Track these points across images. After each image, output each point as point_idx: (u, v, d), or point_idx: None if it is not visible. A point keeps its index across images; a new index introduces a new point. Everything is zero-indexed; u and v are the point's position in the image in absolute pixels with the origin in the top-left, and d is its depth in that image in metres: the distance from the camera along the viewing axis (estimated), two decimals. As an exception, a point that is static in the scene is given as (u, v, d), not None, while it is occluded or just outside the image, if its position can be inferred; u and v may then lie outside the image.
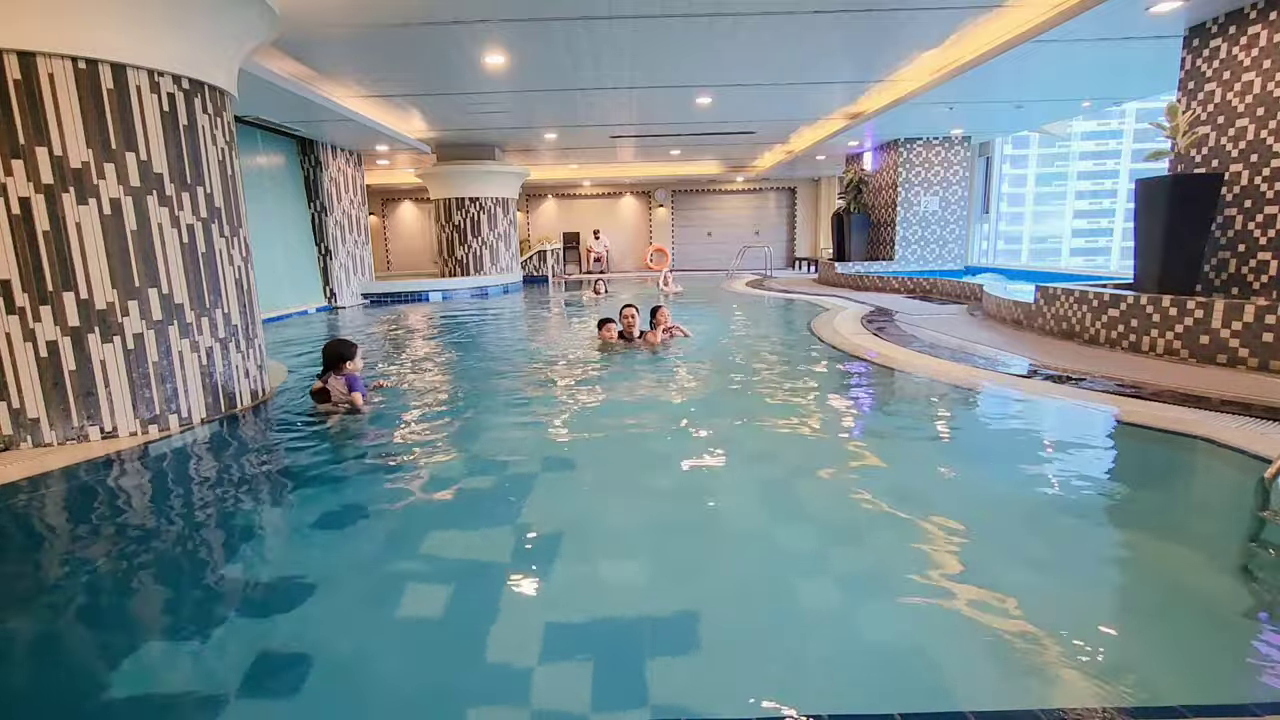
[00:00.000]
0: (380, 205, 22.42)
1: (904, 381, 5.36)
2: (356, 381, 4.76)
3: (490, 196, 15.32)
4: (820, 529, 2.81)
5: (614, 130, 13.10)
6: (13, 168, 3.72)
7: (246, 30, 4.90)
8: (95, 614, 2.31)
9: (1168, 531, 2.85)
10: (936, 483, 3.28)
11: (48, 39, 3.72)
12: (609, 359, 6.51)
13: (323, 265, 12.50)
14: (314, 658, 1.97)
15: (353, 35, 6.76)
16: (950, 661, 1.88)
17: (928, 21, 6.90)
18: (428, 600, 2.28)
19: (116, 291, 4.07)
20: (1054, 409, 4.44)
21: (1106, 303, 6.23)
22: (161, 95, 4.21)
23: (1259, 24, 5.59)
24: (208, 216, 4.55)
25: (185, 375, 4.43)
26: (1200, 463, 3.54)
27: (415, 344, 8.27)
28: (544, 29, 6.73)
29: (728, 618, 2.14)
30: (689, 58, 8.01)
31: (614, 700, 1.75)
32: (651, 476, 3.44)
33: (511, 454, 3.79)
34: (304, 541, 2.82)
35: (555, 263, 19.94)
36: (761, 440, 4.04)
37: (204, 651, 2.03)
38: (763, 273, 18.98)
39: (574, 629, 2.08)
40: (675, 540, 2.72)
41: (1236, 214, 5.85)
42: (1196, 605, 2.23)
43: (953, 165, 13.86)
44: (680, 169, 19.96)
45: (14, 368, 3.88)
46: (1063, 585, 2.29)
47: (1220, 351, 5.25)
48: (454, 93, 9.54)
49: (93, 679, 1.95)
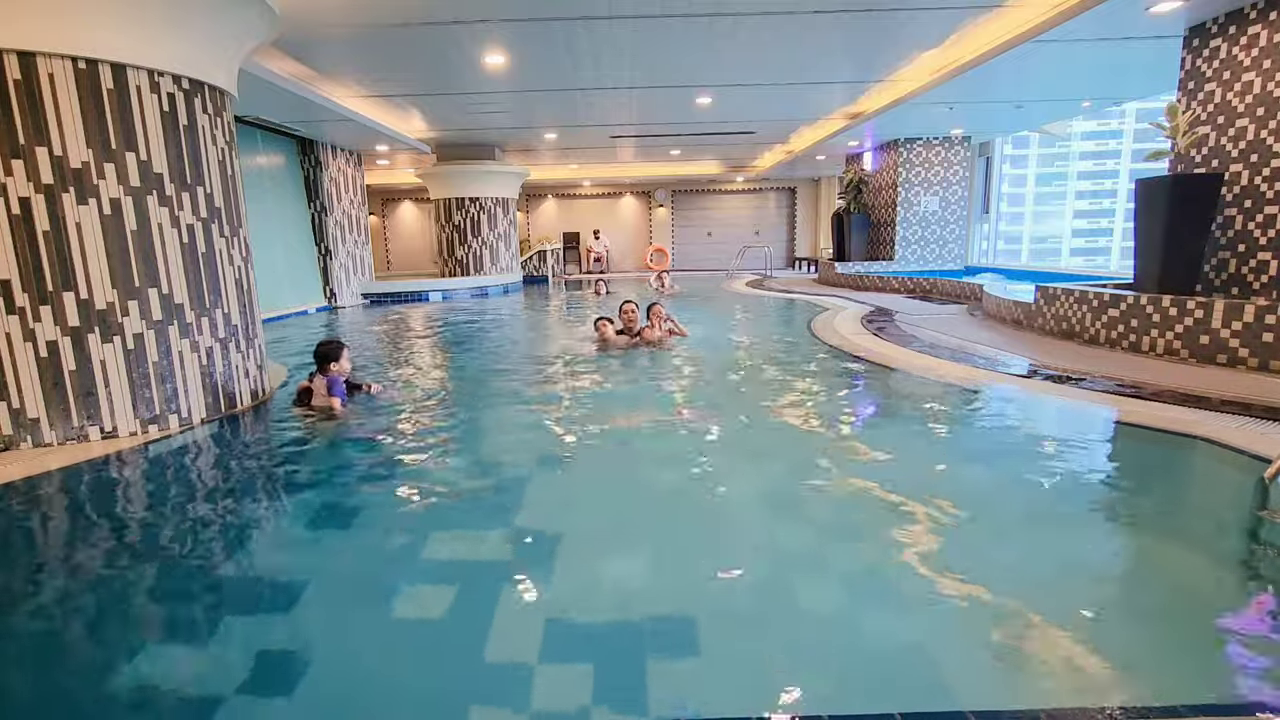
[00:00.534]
0: (380, 205, 22.42)
1: (904, 381, 5.36)
2: (337, 384, 4.67)
3: (490, 196, 15.32)
4: (820, 528, 2.81)
5: (614, 130, 13.10)
6: (13, 168, 3.72)
7: (246, 30, 4.90)
8: (94, 614, 2.31)
9: (1168, 531, 2.85)
10: (936, 482, 3.28)
11: (48, 39, 3.71)
12: (608, 359, 6.50)
13: (323, 265, 12.51)
14: (313, 658, 1.97)
15: (353, 35, 6.76)
16: (950, 661, 1.88)
17: (928, 21, 6.90)
18: (428, 601, 2.28)
19: (116, 291, 4.07)
20: (1054, 409, 4.44)
21: (1106, 303, 6.23)
22: (161, 95, 4.21)
23: (1259, 24, 5.59)
24: (208, 216, 4.55)
25: (185, 375, 4.43)
26: (1200, 463, 3.54)
27: (414, 344, 8.27)
28: (544, 29, 6.73)
29: (728, 617, 2.14)
30: (689, 58, 8.01)
31: (614, 700, 1.74)
32: (651, 476, 3.44)
33: (511, 455, 3.79)
34: (303, 542, 2.82)
35: (555, 263, 19.94)
36: (761, 440, 4.04)
37: (202, 652, 2.04)
38: (763, 273, 18.98)
39: (574, 629, 2.08)
40: (675, 539, 2.72)
41: (1236, 214, 5.85)
42: (1196, 605, 2.23)
43: (953, 165, 13.86)
44: (680, 169, 19.96)
45: (14, 368, 3.88)
46: (1063, 585, 2.29)
47: (1220, 351, 5.25)
48: (454, 93, 9.54)
49: (91, 678, 1.95)
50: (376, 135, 11.55)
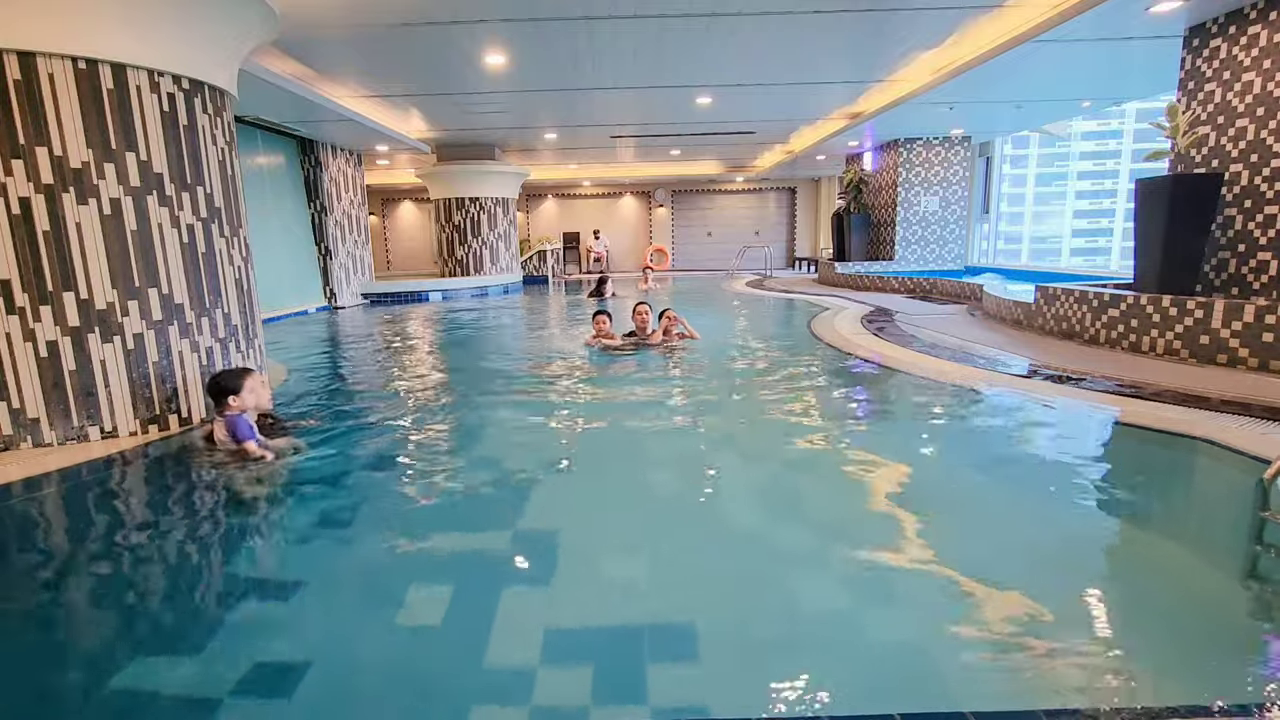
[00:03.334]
0: (380, 205, 22.42)
1: (904, 382, 5.36)
2: (240, 424, 3.71)
3: (490, 196, 15.32)
4: (820, 529, 2.80)
5: (614, 130, 13.10)
6: (13, 168, 3.71)
7: (246, 30, 4.90)
8: (94, 614, 2.31)
9: (1168, 532, 2.85)
10: (936, 483, 3.28)
11: (48, 39, 3.71)
12: (609, 360, 6.50)
13: (323, 265, 12.50)
14: (312, 659, 1.97)
15: (353, 35, 6.76)
16: (950, 661, 1.88)
17: (928, 21, 6.90)
18: (428, 602, 2.28)
19: (116, 291, 4.07)
20: (1054, 409, 4.44)
21: (1106, 303, 6.23)
22: (161, 95, 4.20)
23: (1259, 24, 5.59)
24: (208, 216, 4.55)
25: (185, 375, 4.43)
26: (1200, 463, 3.54)
27: (414, 344, 8.27)
28: (544, 29, 6.73)
29: (728, 617, 2.14)
30: (689, 58, 8.01)
31: (614, 700, 1.75)
32: (651, 477, 3.44)
33: (511, 455, 3.79)
34: (303, 543, 2.82)
35: (555, 263, 19.94)
36: (761, 440, 4.04)
37: (202, 652, 2.03)
38: (763, 273, 18.98)
39: (574, 630, 2.08)
40: (675, 540, 2.72)
41: (1236, 214, 5.85)
42: (1196, 605, 2.23)
43: (953, 165, 13.86)
44: (680, 169, 19.95)
45: (14, 368, 3.88)
46: (1062, 585, 2.29)
47: (1220, 351, 5.25)
48: (454, 93, 9.54)
49: (90, 678, 1.95)
50: (376, 135, 11.55)
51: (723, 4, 6.18)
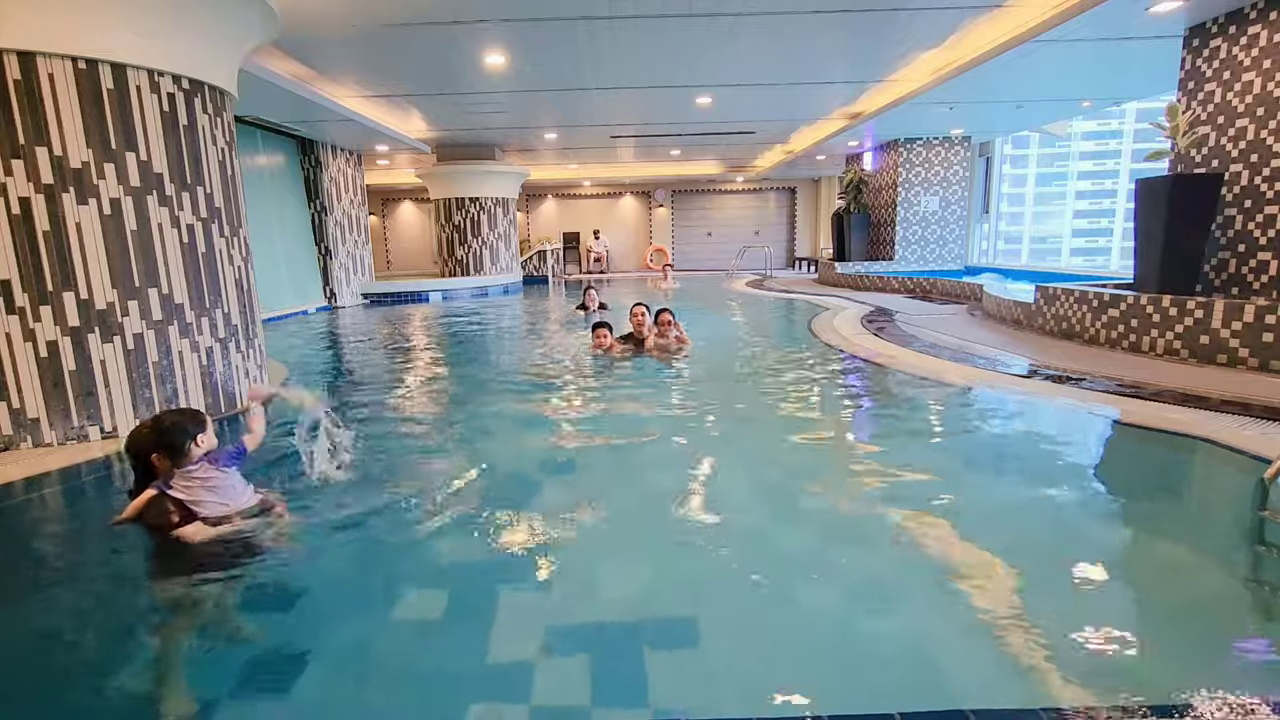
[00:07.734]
0: (380, 205, 22.41)
1: (904, 382, 5.35)
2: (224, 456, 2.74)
3: (490, 196, 15.31)
4: (820, 529, 2.80)
5: (614, 130, 13.09)
6: (13, 168, 3.72)
7: (246, 30, 4.90)
8: (93, 614, 2.31)
9: (1168, 531, 2.85)
10: (936, 483, 3.28)
11: (48, 39, 3.71)
12: (608, 361, 6.50)
13: (323, 265, 12.50)
14: (312, 660, 1.97)
15: (353, 35, 6.75)
16: (950, 661, 1.88)
17: (928, 21, 6.90)
18: (429, 603, 2.28)
19: (116, 291, 4.07)
20: (1054, 409, 4.43)
21: (1106, 303, 6.23)
22: (161, 95, 4.20)
23: (1259, 24, 5.59)
24: (208, 216, 4.54)
25: (185, 375, 4.43)
26: (1200, 463, 3.54)
27: (413, 345, 8.27)
28: (544, 29, 6.73)
29: (728, 616, 2.14)
30: (689, 58, 8.00)
31: (615, 701, 1.75)
32: (651, 476, 3.44)
33: (511, 455, 3.79)
34: (303, 543, 2.81)
35: (555, 263, 19.94)
36: (761, 440, 4.04)
37: (201, 653, 2.03)
38: (763, 273, 18.97)
39: (574, 630, 2.08)
40: (676, 540, 2.72)
41: (1236, 214, 5.85)
42: (1197, 604, 2.23)
43: (953, 165, 13.86)
44: (680, 169, 19.95)
45: (14, 368, 3.88)
46: (1062, 584, 2.29)
47: (1220, 351, 5.25)
48: (454, 93, 9.54)
49: (89, 678, 1.95)
50: (376, 135, 11.54)
51: (723, 4, 6.18)
